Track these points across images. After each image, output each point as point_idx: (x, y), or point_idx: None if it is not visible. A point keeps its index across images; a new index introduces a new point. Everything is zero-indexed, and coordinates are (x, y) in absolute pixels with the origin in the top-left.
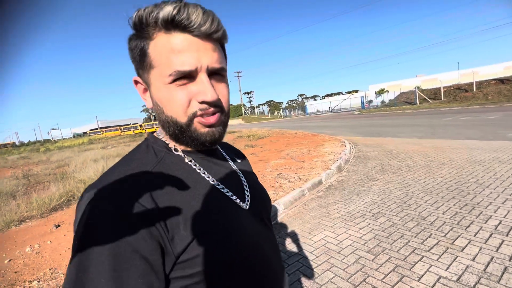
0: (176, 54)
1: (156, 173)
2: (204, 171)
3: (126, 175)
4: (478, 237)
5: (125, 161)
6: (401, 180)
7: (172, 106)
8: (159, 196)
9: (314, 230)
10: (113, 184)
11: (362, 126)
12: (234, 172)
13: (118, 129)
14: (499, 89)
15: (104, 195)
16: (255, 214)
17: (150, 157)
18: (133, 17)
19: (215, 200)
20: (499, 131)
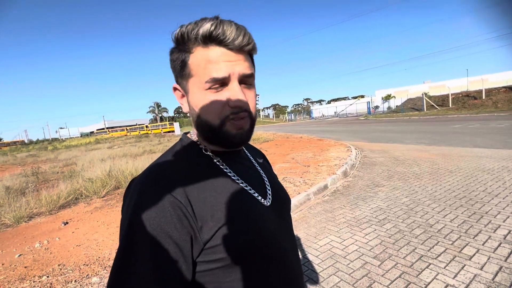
0: (212, 64)
1: (189, 170)
2: (230, 170)
3: (163, 172)
4: (486, 246)
5: (164, 158)
6: (407, 187)
7: (207, 110)
8: (190, 191)
9: (319, 234)
10: (153, 179)
11: (368, 131)
12: (257, 171)
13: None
14: (509, 97)
15: (146, 189)
16: (276, 210)
17: (184, 156)
18: (176, 33)
19: (238, 195)
20: (509, 140)
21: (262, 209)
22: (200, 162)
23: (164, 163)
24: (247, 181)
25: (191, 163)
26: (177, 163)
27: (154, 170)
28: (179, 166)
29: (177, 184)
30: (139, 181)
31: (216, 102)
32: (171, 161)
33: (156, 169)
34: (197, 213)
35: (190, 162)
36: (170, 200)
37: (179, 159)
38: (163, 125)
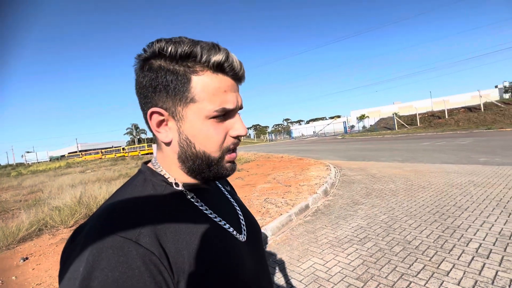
0: (222, 93)
1: (157, 211)
2: (205, 207)
3: (123, 214)
4: (461, 261)
5: (120, 197)
6: (385, 204)
7: (208, 141)
8: (162, 237)
9: (302, 257)
10: (110, 225)
11: (345, 150)
12: (229, 203)
13: (99, 152)
14: (468, 116)
15: (101, 238)
16: (251, 245)
17: (149, 192)
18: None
19: (216, 237)
20: (472, 155)
21: (240, 248)
22: (170, 199)
23: (125, 203)
24: (223, 217)
25: (160, 201)
26: (142, 202)
27: (112, 213)
28: (145, 206)
29: (143, 229)
30: (92, 229)
31: (220, 133)
32: (134, 200)
33: (115, 211)
34: (173, 266)
35: (158, 201)
36: (140, 253)
37: (144, 197)
38: (141, 147)
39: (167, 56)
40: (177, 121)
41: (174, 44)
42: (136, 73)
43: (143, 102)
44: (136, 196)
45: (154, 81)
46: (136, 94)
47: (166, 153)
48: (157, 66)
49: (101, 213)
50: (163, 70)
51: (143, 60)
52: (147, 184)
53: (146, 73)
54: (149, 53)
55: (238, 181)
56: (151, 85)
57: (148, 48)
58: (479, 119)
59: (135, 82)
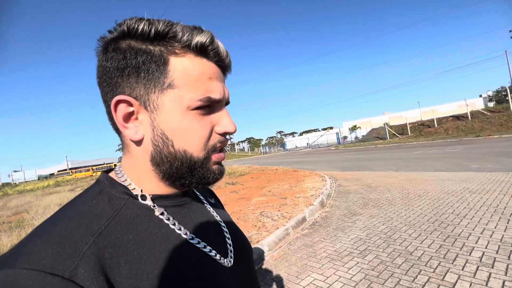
0: (207, 80)
1: (109, 233)
2: (179, 225)
3: (56, 239)
4: (466, 271)
5: (64, 216)
6: (383, 214)
7: (190, 137)
8: (112, 269)
9: (301, 273)
10: (34, 256)
11: (339, 160)
12: (212, 219)
13: (90, 170)
14: (456, 124)
15: (17, 276)
16: (240, 271)
17: (103, 208)
18: (147, 25)
19: (192, 264)
20: (463, 162)
21: (224, 276)
22: (131, 217)
23: (64, 224)
24: (203, 237)
25: (116, 220)
26: (89, 222)
27: (40, 239)
28: (91, 226)
29: (87, 260)
30: (6, 262)
31: (205, 127)
32: (77, 219)
33: (45, 236)
34: None
35: (113, 218)
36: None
37: (94, 215)
38: None
39: (139, 35)
40: (150, 112)
41: (147, 21)
42: (98, 57)
43: (107, 91)
44: (82, 214)
45: (121, 62)
46: (98, 84)
47: (135, 156)
48: (126, 46)
49: (24, 241)
50: (133, 49)
51: (108, 41)
52: (102, 197)
53: (112, 54)
54: (116, 33)
55: (233, 195)
56: (117, 67)
57: (115, 28)
58: (467, 127)
59: (97, 68)
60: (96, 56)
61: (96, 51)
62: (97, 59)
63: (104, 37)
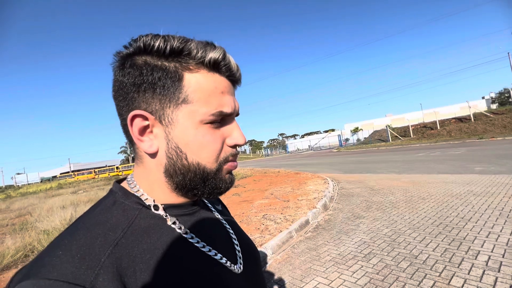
0: (219, 94)
1: (125, 243)
2: (191, 234)
3: (76, 250)
4: (472, 275)
5: (82, 227)
6: (386, 217)
7: (203, 150)
8: (129, 277)
9: (305, 277)
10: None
11: (342, 163)
12: (221, 226)
13: (92, 172)
14: (459, 126)
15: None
16: (249, 277)
17: (118, 219)
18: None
19: (205, 271)
20: (467, 165)
21: (235, 282)
22: (145, 227)
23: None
24: (213, 245)
25: (131, 230)
26: (105, 233)
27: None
28: (107, 237)
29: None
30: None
31: (217, 141)
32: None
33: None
34: None
35: (128, 228)
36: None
37: (110, 226)
38: None
39: (155, 51)
40: (165, 126)
41: (163, 38)
42: (115, 72)
43: (122, 105)
44: (98, 225)
45: (138, 78)
46: (113, 98)
47: (148, 168)
48: (142, 62)
49: (45, 252)
50: (150, 66)
51: (124, 57)
52: (116, 208)
53: (128, 70)
54: (132, 49)
55: (235, 198)
56: (134, 83)
57: (131, 44)
58: (470, 129)
59: (113, 83)
60: (113, 70)
61: (112, 66)
62: (114, 73)
63: (120, 52)
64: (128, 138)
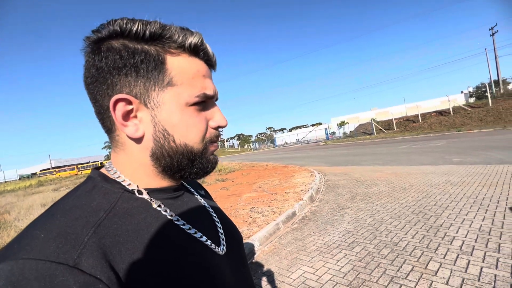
0: (201, 78)
1: (108, 224)
2: (176, 217)
3: (56, 230)
4: (447, 259)
5: (60, 210)
6: (370, 207)
7: (190, 131)
8: (114, 256)
9: (292, 266)
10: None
11: (328, 156)
12: (204, 209)
13: (75, 168)
14: (439, 120)
15: (20, 267)
16: (232, 258)
17: (99, 202)
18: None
19: (190, 251)
20: (446, 156)
21: (219, 263)
22: (127, 208)
23: (60, 216)
24: (198, 227)
25: (114, 212)
26: (87, 214)
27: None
28: (90, 218)
29: (90, 248)
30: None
31: (202, 122)
32: (74, 212)
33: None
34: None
35: (110, 210)
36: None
37: (91, 208)
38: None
39: (133, 35)
40: (151, 110)
41: (141, 22)
42: (88, 57)
43: (100, 91)
44: (78, 207)
45: (118, 62)
46: (88, 84)
47: (131, 153)
48: (121, 45)
49: (22, 234)
50: (130, 49)
51: (96, 41)
52: (96, 192)
53: (106, 54)
54: (106, 32)
55: (223, 192)
56: (115, 67)
57: (103, 28)
58: (450, 122)
59: (86, 69)
60: (85, 56)
61: (84, 51)
62: (87, 59)
63: (90, 37)
64: (105, 125)
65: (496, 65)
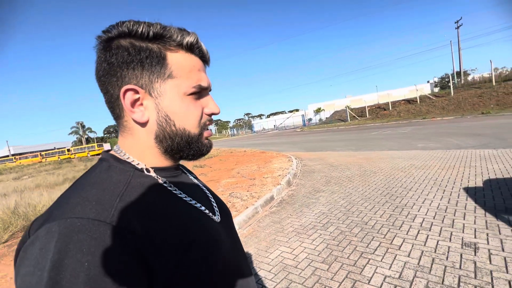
0: (197, 71)
1: (131, 194)
2: (179, 191)
3: (91, 196)
4: (409, 235)
5: (86, 184)
6: (343, 190)
7: (188, 117)
8: (139, 217)
9: (270, 247)
10: (76, 208)
11: (305, 142)
12: (199, 187)
13: (38, 155)
14: (407, 108)
15: (67, 223)
16: (225, 225)
17: (117, 177)
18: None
19: (194, 217)
20: (412, 142)
21: (216, 227)
22: (140, 184)
23: (90, 187)
24: (196, 199)
25: (131, 185)
26: (111, 187)
27: (77, 197)
28: (115, 189)
29: (120, 210)
30: (55, 216)
31: (198, 109)
32: (100, 185)
33: (79, 195)
34: (154, 246)
35: (128, 184)
36: (115, 234)
37: (112, 182)
38: (90, 148)
39: (138, 35)
40: (155, 98)
41: (145, 24)
42: (100, 53)
43: (112, 82)
44: (102, 182)
45: (127, 57)
46: (101, 77)
47: (138, 137)
48: (128, 44)
49: (62, 200)
50: (136, 47)
51: (107, 40)
52: (113, 170)
53: (116, 51)
54: (115, 32)
55: (202, 177)
56: (124, 61)
57: (113, 28)
58: (416, 110)
59: (97, 64)
60: (97, 52)
61: (96, 48)
62: (99, 55)
63: (101, 36)
64: (115, 112)
65: (459, 57)
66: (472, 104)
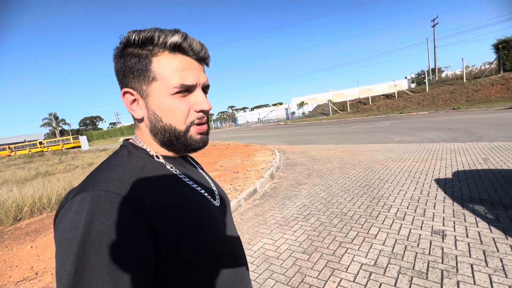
0: (181, 71)
1: (145, 175)
2: (183, 175)
3: (115, 175)
4: (385, 225)
5: (108, 167)
6: (324, 182)
7: (173, 114)
8: (152, 195)
9: (253, 239)
10: (103, 184)
11: (288, 135)
12: (202, 175)
13: (7, 148)
14: (386, 102)
15: (97, 195)
16: (223, 210)
17: (135, 162)
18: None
19: (196, 198)
20: (389, 136)
21: (215, 209)
22: (152, 168)
23: (114, 167)
24: (198, 184)
25: (146, 168)
26: (131, 167)
27: (104, 174)
28: (133, 170)
29: (137, 188)
30: (88, 188)
31: (183, 107)
32: (121, 167)
33: (107, 172)
34: (162, 218)
35: (144, 168)
36: (131, 206)
37: (129, 166)
38: (65, 140)
39: (132, 43)
40: (144, 99)
41: (137, 32)
42: (114, 61)
43: (119, 85)
44: (123, 164)
45: (123, 65)
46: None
47: (141, 129)
48: (126, 53)
49: (92, 177)
50: (130, 55)
51: (116, 49)
52: (131, 156)
53: (118, 60)
54: (121, 44)
55: None
56: (121, 69)
57: (120, 39)
58: (394, 105)
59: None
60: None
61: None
62: (114, 63)
63: (117, 47)
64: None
65: (435, 55)
66: (445, 100)
